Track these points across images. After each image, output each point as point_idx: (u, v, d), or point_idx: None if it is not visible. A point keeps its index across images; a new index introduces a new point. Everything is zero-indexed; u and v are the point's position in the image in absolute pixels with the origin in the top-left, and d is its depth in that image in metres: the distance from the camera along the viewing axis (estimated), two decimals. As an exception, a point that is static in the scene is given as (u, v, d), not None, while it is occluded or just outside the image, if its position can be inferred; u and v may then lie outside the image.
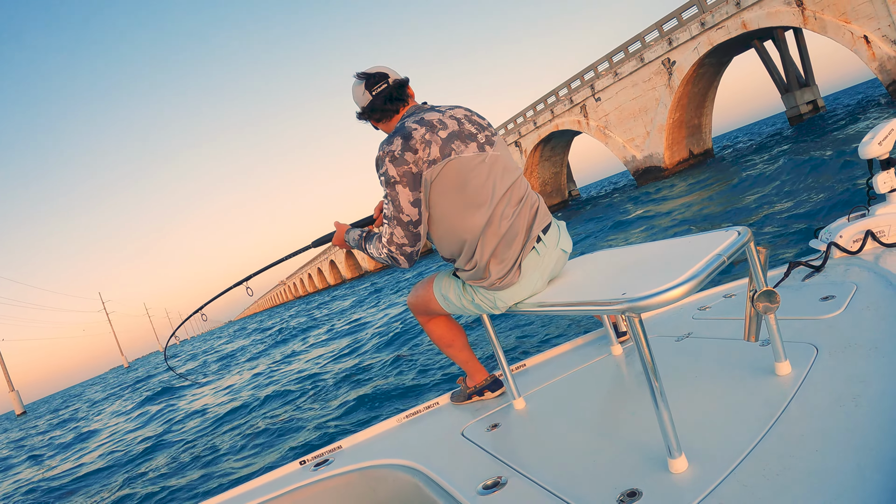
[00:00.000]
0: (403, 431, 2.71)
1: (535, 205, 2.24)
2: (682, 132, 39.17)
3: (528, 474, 1.83)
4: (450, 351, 2.75)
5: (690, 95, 37.83)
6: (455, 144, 2.10)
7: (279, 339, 25.45)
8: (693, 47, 34.39)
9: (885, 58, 26.59)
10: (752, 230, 1.83)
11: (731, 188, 18.27)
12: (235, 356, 25.31)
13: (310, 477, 2.46)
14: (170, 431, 11.97)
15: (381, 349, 12.35)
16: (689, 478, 1.48)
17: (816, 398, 1.65)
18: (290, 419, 8.85)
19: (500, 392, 2.72)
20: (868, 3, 26.30)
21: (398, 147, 2.07)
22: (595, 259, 2.36)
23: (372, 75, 2.29)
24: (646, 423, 1.85)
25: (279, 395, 11.14)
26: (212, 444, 9.01)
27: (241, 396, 12.89)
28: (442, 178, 2.08)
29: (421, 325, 2.76)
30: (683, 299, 1.67)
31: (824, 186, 12.62)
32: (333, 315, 28.11)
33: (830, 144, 18.63)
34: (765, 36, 37.32)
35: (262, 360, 19.65)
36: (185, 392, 18.83)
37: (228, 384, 16.20)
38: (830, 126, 28.15)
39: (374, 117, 2.35)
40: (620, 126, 40.37)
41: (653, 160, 39.14)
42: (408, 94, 2.34)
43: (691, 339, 2.52)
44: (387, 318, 17.12)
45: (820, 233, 3.07)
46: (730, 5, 31.55)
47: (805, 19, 28.56)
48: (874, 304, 2.17)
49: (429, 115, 2.16)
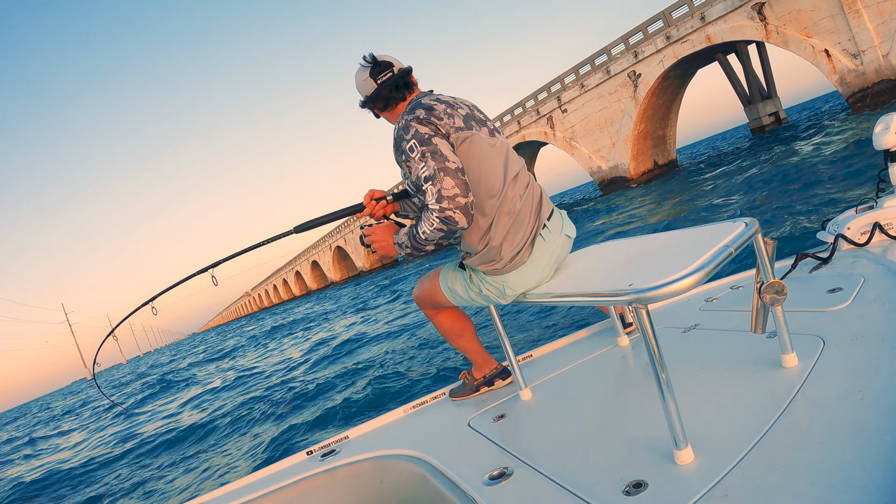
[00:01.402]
0: (410, 422, 2.71)
1: (539, 192, 2.25)
2: (647, 143, 39.62)
3: (535, 465, 1.83)
4: (460, 342, 2.73)
5: (655, 107, 38.26)
6: (473, 123, 2.12)
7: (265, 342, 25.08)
8: (658, 60, 34.76)
9: (845, 71, 27.14)
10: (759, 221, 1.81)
11: (696, 197, 18.39)
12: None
13: (317, 467, 2.46)
14: (164, 431, 11.74)
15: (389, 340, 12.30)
16: (695, 469, 1.48)
17: (823, 390, 1.64)
18: (295, 411, 8.87)
19: (510, 380, 2.71)
20: (829, 19, 26.83)
21: (422, 114, 2.06)
22: (601, 250, 2.33)
23: (378, 63, 2.27)
24: (652, 414, 1.84)
25: (281, 389, 11.05)
26: (216, 439, 9.01)
27: (235, 392, 12.95)
28: (464, 148, 2.06)
29: (428, 318, 2.74)
30: (690, 291, 1.60)
31: (799, 191, 12.67)
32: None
33: (789, 154, 18.91)
34: (728, 49, 37.86)
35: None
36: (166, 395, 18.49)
37: (213, 386, 16.17)
38: (793, 137, 28.48)
39: (377, 106, 2.33)
40: (586, 137, 40.66)
41: (618, 170, 39.50)
42: (412, 83, 2.32)
43: (698, 330, 2.51)
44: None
45: (828, 225, 3.05)
46: (694, 19, 31.96)
47: (768, 34, 29.09)
48: (882, 296, 2.16)
49: (443, 97, 2.17)
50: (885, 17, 25.09)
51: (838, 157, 15.43)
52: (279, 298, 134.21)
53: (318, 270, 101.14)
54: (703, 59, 37.97)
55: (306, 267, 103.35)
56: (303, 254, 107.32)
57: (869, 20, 25.57)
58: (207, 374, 21.24)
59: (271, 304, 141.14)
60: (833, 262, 2.73)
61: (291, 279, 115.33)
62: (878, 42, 25.66)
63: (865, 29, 25.72)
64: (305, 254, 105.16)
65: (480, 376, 2.73)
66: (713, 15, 30.96)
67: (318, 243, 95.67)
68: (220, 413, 11.36)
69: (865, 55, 26.15)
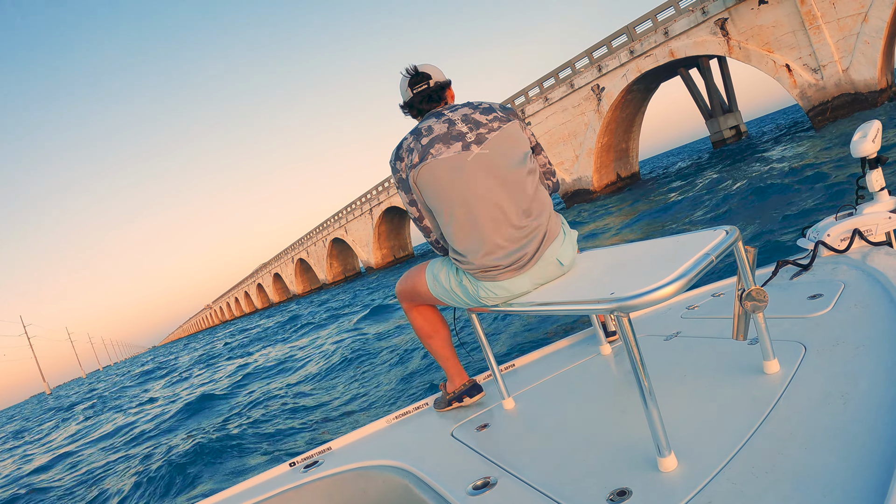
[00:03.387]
0: (393, 432, 2.70)
1: (537, 204, 2.19)
2: (610, 156, 39.87)
3: (518, 474, 1.82)
4: (430, 342, 2.71)
5: (618, 120, 38.47)
6: (435, 148, 2.17)
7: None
8: (622, 74, 34.94)
9: (805, 85, 27.57)
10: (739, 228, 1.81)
11: (661, 210, 18.40)
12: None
13: (300, 479, 2.44)
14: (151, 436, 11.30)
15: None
16: (679, 476, 1.47)
17: (805, 396, 1.64)
18: (277, 421, 8.69)
19: (478, 397, 2.65)
20: (790, 34, 27.24)
21: (393, 157, 2.32)
22: (583, 259, 2.32)
23: (417, 73, 2.36)
24: (635, 422, 1.84)
25: (262, 400, 10.62)
26: (197, 447, 8.59)
27: (217, 397, 12.60)
28: (421, 179, 2.19)
29: (405, 313, 2.73)
30: (672, 298, 1.64)
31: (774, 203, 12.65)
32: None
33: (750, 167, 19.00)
34: (690, 64, 38.36)
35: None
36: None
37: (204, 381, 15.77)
38: (754, 149, 28.94)
39: (411, 113, 2.43)
40: (550, 150, 40.72)
41: (581, 183, 39.59)
42: (444, 97, 2.38)
43: (680, 338, 2.51)
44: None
45: (807, 232, 3.06)
46: (658, 34, 32.19)
47: (730, 49, 29.45)
48: (861, 302, 2.16)
49: (422, 123, 2.26)
50: (846, 32, 25.53)
51: (799, 166, 15.62)
52: (241, 311, 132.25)
53: (281, 283, 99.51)
54: (665, 73, 38.43)
55: (268, 279, 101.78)
56: (264, 266, 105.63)
57: (829, 36, 25.99)
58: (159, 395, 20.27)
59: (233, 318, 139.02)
60: (813, 268, 2.73)
61: (253, 292, 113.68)
62: (838, 57, 26.09)
63: (826, 44, 26.12)
64: (267, 266, 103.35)
65: (452, 391, 2.68)
66: (677, 30, 31.23)
67: (280, 255, 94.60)
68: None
69: (826, 70, 26.57)
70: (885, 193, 2.76)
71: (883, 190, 2.74)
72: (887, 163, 2.76)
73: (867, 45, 25.06)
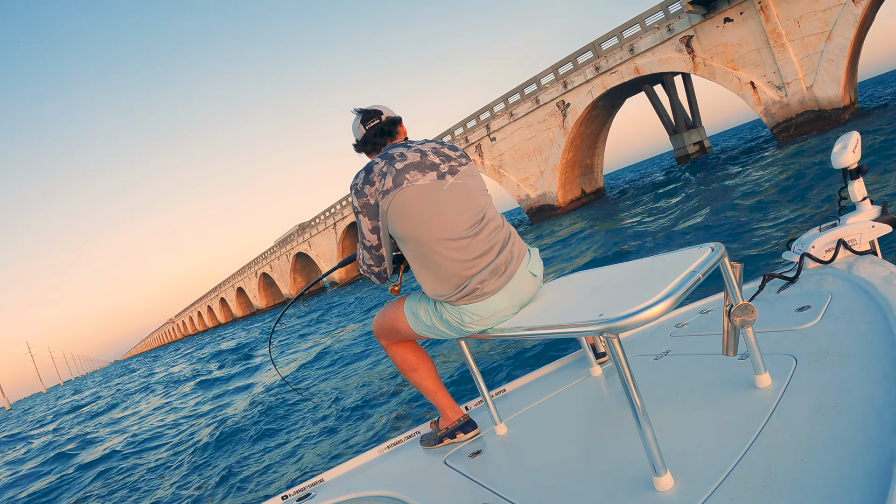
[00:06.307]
0: (385, 462, 2.69)
1: (504, 232, 2.25)
2: (574, 172, 39.83)
3: (514, 499, 1.80)
4: (414, 377, 2.62)
5: (583, 136, 38.39)
6: (410, 174, 2.17)
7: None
8: (587, 90, 34.81)
9: (769, 102, 27.72)
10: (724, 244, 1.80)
11: (627, 227, 18.10)
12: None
13: None
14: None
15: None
16: (676, 495, 1.47)
17: (798, 408, 1.63)
18: (266, 451, 8.34)
19: (473, 434, 2.55)
20: (755, 52, 27.36)
21: (361, 180, 2.23)
22: (569, 281, 2.32)
23: (368, 111, 2.43)
24: (629, 442, 1.81)
25: (237, 432, 9.96)
26: (184, 479, 8.33)
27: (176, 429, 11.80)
28: (395, 205, 2.15)
29: (384, 350, 2.66)
30: (660, 317, 1.58)
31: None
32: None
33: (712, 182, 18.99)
34: (655, 80, 38.68)
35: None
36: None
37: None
38: (716, 164, 29.21)
39: (366, 149, 2.46)
40: (515, 165, 40.56)
41: (546, 199, 39.46)
42: (397, 132, 2.44)
43: (670, 356, 2.51)
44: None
45: (792, 244, 3.07)
46: (624, 51, 32.12)
47: (695, 66, 29.48)
48: (849, 311, 2.17)
49: (393, 150, 2.26)
50: (810, 50, 25.64)
51: (766, 181, 15.68)
52: (203, 326, 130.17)
53: (244, 297, 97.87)
54: (630, 90, 38.56)
55: (231, 294, 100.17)
56: (227, 280, 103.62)
57: (794, 54, 26.10)
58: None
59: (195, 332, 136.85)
60: (800, 280, 2.74)
61: (216, 306, 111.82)
62: (802, 74, 26.20)
63: (790, 62, 26.21)
64: (230, 280, 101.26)
65: (444, 427, 2.60)
66: (642, 47, 31.21)
67: (243, 269, 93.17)
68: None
69: (790, 87, 26.68)
70: (868, 203, 2.74)
71: (865, 199, 2.73)
72: (867, 173, 2.78)
73: (831, 62, 25.14)
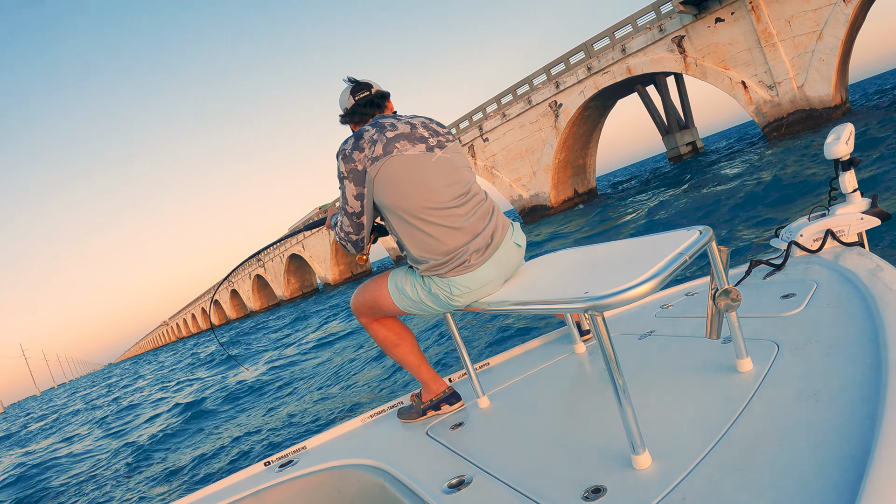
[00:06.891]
0: (368, 431, 2.70)
1: (489, 204, 2.31)
2: (567, 172, 39.88)
3: (493, 472, 1.82)
4: (397, 352, 2.61)
5: (576, 137, 38.44)
6: (400, 144, 2.19)
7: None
8: (580, 91, 34.89)
9: (760, 102, 27.87)
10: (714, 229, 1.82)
11: (620, 225, 18.24)
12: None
13: (275, 478, 2.43)
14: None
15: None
16: (653, 473, 1.48)
17: (777, 394, 1.64)
18: (253, 419, 8.57)
19: (457, 406, 2.55)
20: (746, 52, 27.46)
21: (350, 146, 2.22)
22: (557, 258, 2.33)
23: (359, 82, 2.42)
24: (609, 420, 1.82)
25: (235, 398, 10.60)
26: (174, 446, 8.63)
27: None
28: (383, 173, 2.16)
29: (364, 327, 2.64)
30: (646, 297, 1.64)
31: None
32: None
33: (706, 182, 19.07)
34: (647, 80, 38.74)
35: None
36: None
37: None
38: (709, 164, 29.26)
39: (353, 120, 2.43)
40: (507, 166, 40.61)
41: (539, 199, 39.53)
42: (385, 106, 2.43)
43: (654, 336, 2.52)
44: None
45: (781, 232, 3.07)
46: (615, 51, 32.20)
47: (687, 66, 29.58)
48: (833, 301, 2.17)
49: (384, 120, 2.26)
50: (801, 50, 25.73)
51: (759, 176, 15.76)
52: (198, 328, 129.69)
53: (238, 299, 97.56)
54: (622, 90, 38.60)
55: (225, 296, 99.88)
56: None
57: (785, 53, 26.21)
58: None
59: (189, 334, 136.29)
60: (786, 268, 2.76)
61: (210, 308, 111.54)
62: (793, 74, 26.31)
63: (781, 61, 26.32)
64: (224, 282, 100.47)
65: (427, 399, 2.58)
66: (634, 47, 31.28)
67: (237, 270, 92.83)
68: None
69: (781, 87, 26.80)
70: (858, 195, 2.76)
71: (855, 191, 2.75)
72: (859, 165, 2.75)
73: (822, 62, 25.23)
